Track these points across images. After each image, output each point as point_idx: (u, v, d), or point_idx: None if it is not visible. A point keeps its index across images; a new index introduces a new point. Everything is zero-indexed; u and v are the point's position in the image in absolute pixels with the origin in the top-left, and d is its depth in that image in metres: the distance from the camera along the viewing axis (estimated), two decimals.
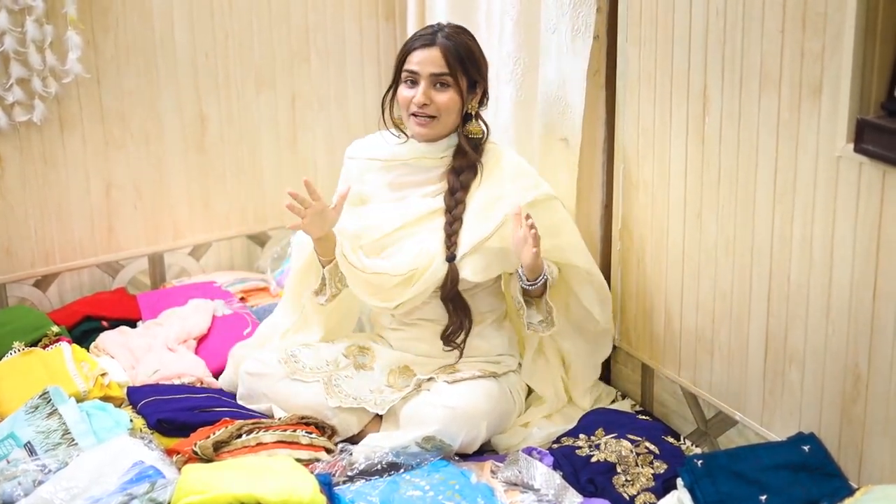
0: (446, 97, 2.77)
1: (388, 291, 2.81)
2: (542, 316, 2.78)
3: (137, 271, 3.69)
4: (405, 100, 2.80)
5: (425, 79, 2.76)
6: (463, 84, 2.79)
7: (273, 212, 3.84)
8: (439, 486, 2.48)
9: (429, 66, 2.76)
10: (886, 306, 2.19)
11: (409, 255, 2.79)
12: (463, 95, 2.79)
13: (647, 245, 2.88)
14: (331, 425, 2.78)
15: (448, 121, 2.80)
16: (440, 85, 2.77)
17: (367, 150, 2.96)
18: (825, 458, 2.36)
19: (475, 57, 2.81)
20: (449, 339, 2.84)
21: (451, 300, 2.80)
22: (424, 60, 2.76)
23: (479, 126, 2.85)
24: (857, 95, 2.16)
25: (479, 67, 2.83)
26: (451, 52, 2.76)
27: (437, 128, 2.80)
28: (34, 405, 2.71)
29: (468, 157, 2.82)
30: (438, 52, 2.76)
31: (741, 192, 2.51)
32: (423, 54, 2.77)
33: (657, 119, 2.74)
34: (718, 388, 2.71)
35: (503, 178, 2.82)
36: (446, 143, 2.85)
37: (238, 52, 3.67)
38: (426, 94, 2.76)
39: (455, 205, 2.80)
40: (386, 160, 2.90)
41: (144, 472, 2.42)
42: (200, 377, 3.06)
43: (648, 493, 2.52)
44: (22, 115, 3.32)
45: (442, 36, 2.78)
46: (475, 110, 2.84)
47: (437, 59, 2.76)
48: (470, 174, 2.82)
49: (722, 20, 2.47)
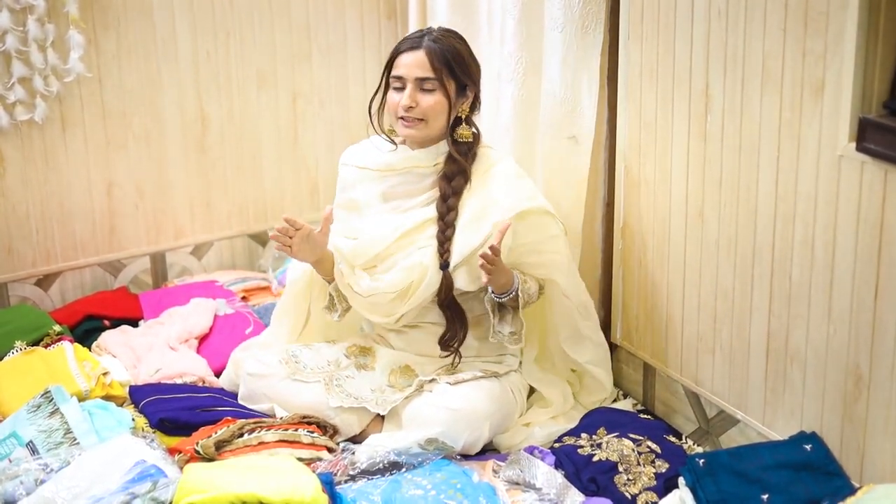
0: (432, 100, 2.75)
1: (385, 307, 2.82)
2: (513, 328, 2.79)
3: (139, 270, 3.69)
4: (393, 105, 2.79)
5: (411, 82, 2.75)
6: (451, 87, 2.77)
7: (274, 211, 3.84)
8: (441, 485, 2.48)
9: (414, 70, 2.74)
10: (888, 305, 2.19)
11: (403, 270, 2.79)
12: (451, 99, 2.77)
13: (649, 244, 2.87)
14: (332, 424, 2.78)
15: (436, 124, 2.78)
16: (426, 89, 2.76)
17: (360, 158, 2.95)
18: (827, 457, 2.36)
19: (464, 60, 2.79)
20: (446, 344, 2.85)
21: (448, 307, 2.80)
22: (410, 64, 2.75)
23: (469, 130, 2.83)
24: (859, 94, 2.16)
25: (469, 71, 2.80)
26: (436, 55, 2.74)
27: (424, 130, 2.78)
28: (36, 404, 2.72)
29: (458, 162, 2.81)
30: (424, 56, 2.74)
31: (743, 191, 2.51)
32: (408, 58, 2.76)
33: (659, 117, 2.74)
34: (720, 387, 2.71)
35: (495, 185, 2.79)
36: (438, 150, 2.83)
37: (239, 51, 3.67)
38: (412, 97, 2.74)
39: (447, 212, 2.79)
40: (379, 170, 2.89)
41: (146, 472, 2.42)
42: (202, 376, 3.06)
43: (650, 492, 2.52)
44: (23, 114, 3.32)
45: (429, 39, 2.76)
46: (465, 114, 2.82)
47: (422, 62, 2.74)
48: (461, 180, 2.80)
49: (724, 18, 2.47)
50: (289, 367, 2.86)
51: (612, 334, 3.11)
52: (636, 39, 2.77)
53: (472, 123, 2.85)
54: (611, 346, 3.12)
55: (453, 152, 2.80)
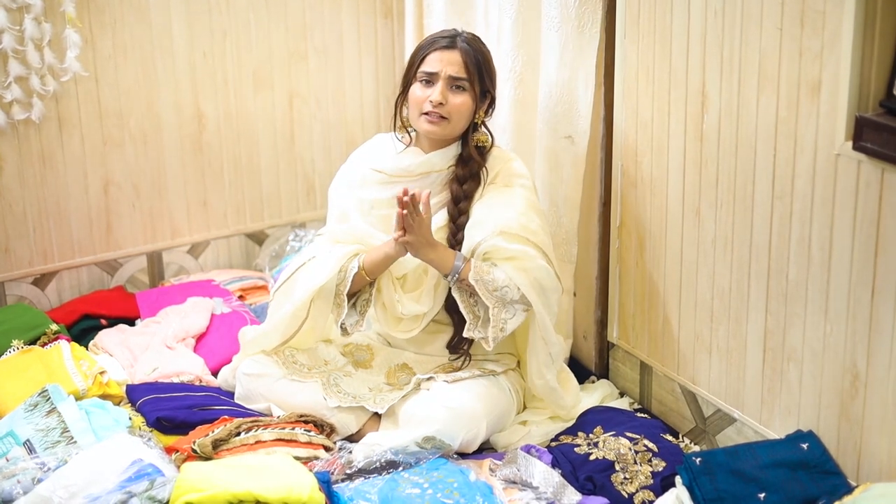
0: (461, 100, 2.76)
1: (410, 322, 2.86)
2: (483, 333, 2.74)
3: (136, 269, 3.69)
4: (419, 99, 2.78)
5: (443, 80, 2.76)
6: (476, 90, 2.78)
7: (271, 210, 3.84)
8: (438, 483, 2.48)
9: (448, 68, 2.76)
10: (885, 304, 2.19)
11: (428, 291, 2.82)
12: (476, 102, 2.79)
13: (646, 243, 2.88)
14: (329, 423, 2.78)
15: (458, 125, 2.79)
16: (456, 87, 2.77)
17: (372, 160, 2.94)
18: (824, 455, 2.36)
19: (490, 67, 2.83)
20: (456, 347, 2.85)
21: (456, 310, 2.80)
22: (445, 61, 2.76)
23: (486, 135, 2.86)
24: (856, 93, 2.17)
25: (492, 77, 2.84)
26: (470, 57, 2.77)
27: (447, 128, 2.78)
28: (33, 403, 2.71)
29: (471, 165, 2.81)
30: (459, 56, 2.76)
31: (739, 190, 2.51)
32: (443, 56, 2.77)
33: (655, 116, 2.75)
34: (717, 385, 2.72)
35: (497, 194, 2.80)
36: (453, 152, 2.84)
37: (236, 51, 3.67)
38: (443, 94, 2.75)
39: (459, 215, 2.80)
40: (391, 175, 2.88)
41: (143, 470, 2.42)
42: (199, 375, 3.06)
43: (647, 490, 2.52)
44: (20, 113, 3.32)
45: (462, 41, 2.79)
46: (482, 119, 2.84)
47: (457, 61, 2.76)
48: (473, 184, 2.82)
49: (720, 17, 2.47)
50: (286, 366, 2.86)
51: (608, 333, 3.11)
52: (633, 38, 2.77)
53: (486, 127, 2.86)
54: (608, 345, 3.13)
55: (474, 156, 2.81)
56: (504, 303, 2.69)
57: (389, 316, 2.88)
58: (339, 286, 2.81)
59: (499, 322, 2.69)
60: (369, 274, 2.80)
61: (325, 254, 2.85)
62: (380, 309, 2.89)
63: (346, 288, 2.80)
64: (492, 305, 2.69)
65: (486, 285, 2.68)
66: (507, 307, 2.70)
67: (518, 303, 2.70)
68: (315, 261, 2.85)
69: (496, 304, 2.69)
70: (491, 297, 2.68)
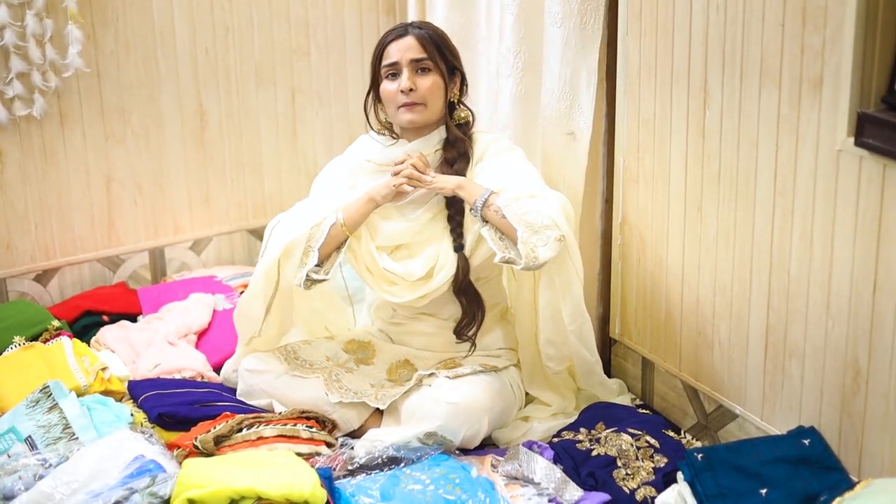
0: (429, 81, 2.78)
1: (407, 287, 2.80)
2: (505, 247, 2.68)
3: (138, 266, 3.69)
4: (391, 94, 2.80)
5: (406, 66, 2.78)
6: (442, 68, 2.80)
7: (273, 206, 3.84)
8: (440, 479, 2.48)
9: (407, 53, 2.78)
10: (886, 300, 2.19)
11: (421, 259, 2.80)
12: (445, 80, 2.81)
13: (648, 239, 2.88)
14: (331, 419, 2.78)
15: (435, 107, 2.81)
16: (422, 70, 2.79)
17: (364, 151, 2.96)
18: (825, 451, 2.36)
19: (448, 43, 2.85)
20: (461, 332, 2.85)
21: (464, 292, 2.80)
22: (402, 49, 2.79)
23: (465, 111, 2.88)
24: (858, 89, 2.16)
25: (454, 53, 2.86)
26: (425, 38, 2.80)
27: (425, 113, 2.79)
28: (35, 399, 2.72)
29: (458, 146, 2.83)
30: (413, 40, 2.79)
31: (741, 187, 2.51)
32: (399, 44, 2.80)
33: (657, 113, 2.74)
34: (719, 381, 2.72)
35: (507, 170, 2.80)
36: (437, 137, 2.85)
37: (238, 47, 3.66)
38: (411, 80, 2.77)
39: (454, 197, 2.80)
40: (382, 164, 2.89)
41: (145, 467, 2.42)
42: (201, 371, 3.07)
43: (649, 486, 2.52)
44: (22, 109, 3.32)
45: (413, 27, 2.83)
46: (457, 98, 2.86)
47: (413, 45, 2.79)
48: (462, 163, 2.82)
49: (722, 14, 2.47)
50: (287, 362, 2.87)
51: (610, 329, 3.11)
52: (635, 35, 2.77)
53: (465, 105, 2.88)
54: (610, 341, 3.13)
55: (457, 133, 2.83)
56: (534, 228, 2.61)
57: (378, 278, 2.83)
58: (310, 241, 2.77)
59: (528, 244, 2.59)
60: (348, 223, 2.78)
61: (298, 213, 2.87)
62: (365, 273, 2.86)
63: (319, 243, 2.76)
64: (521, 230, 2.60)
65: (514, 210, 2.63)
66: (539, 233, 2.61)
67: (548, 228, 2.61)
68: (288, 220, 2.86)
69: (526, 229, 2.60)
70: (521, 222, 2.60)
